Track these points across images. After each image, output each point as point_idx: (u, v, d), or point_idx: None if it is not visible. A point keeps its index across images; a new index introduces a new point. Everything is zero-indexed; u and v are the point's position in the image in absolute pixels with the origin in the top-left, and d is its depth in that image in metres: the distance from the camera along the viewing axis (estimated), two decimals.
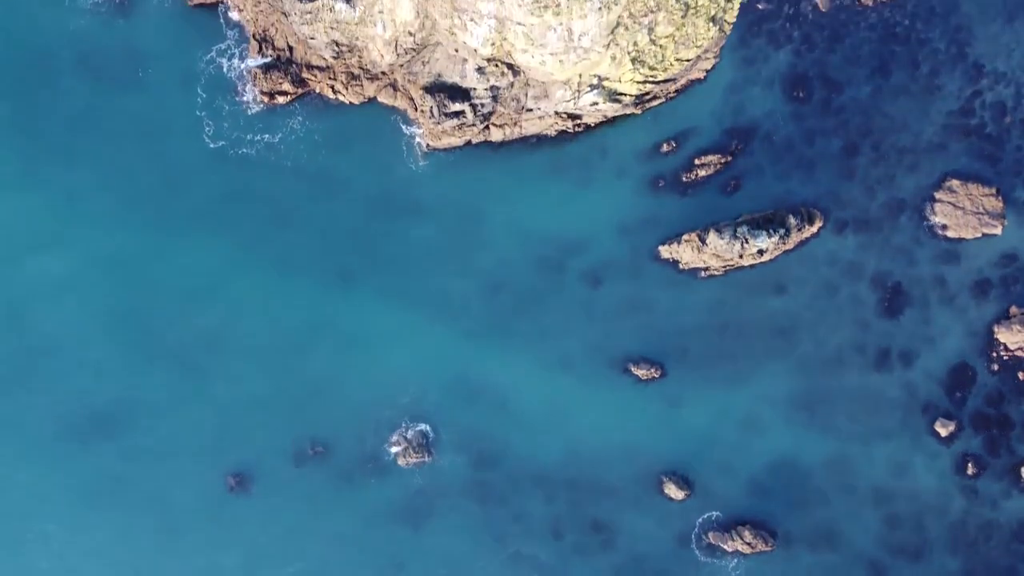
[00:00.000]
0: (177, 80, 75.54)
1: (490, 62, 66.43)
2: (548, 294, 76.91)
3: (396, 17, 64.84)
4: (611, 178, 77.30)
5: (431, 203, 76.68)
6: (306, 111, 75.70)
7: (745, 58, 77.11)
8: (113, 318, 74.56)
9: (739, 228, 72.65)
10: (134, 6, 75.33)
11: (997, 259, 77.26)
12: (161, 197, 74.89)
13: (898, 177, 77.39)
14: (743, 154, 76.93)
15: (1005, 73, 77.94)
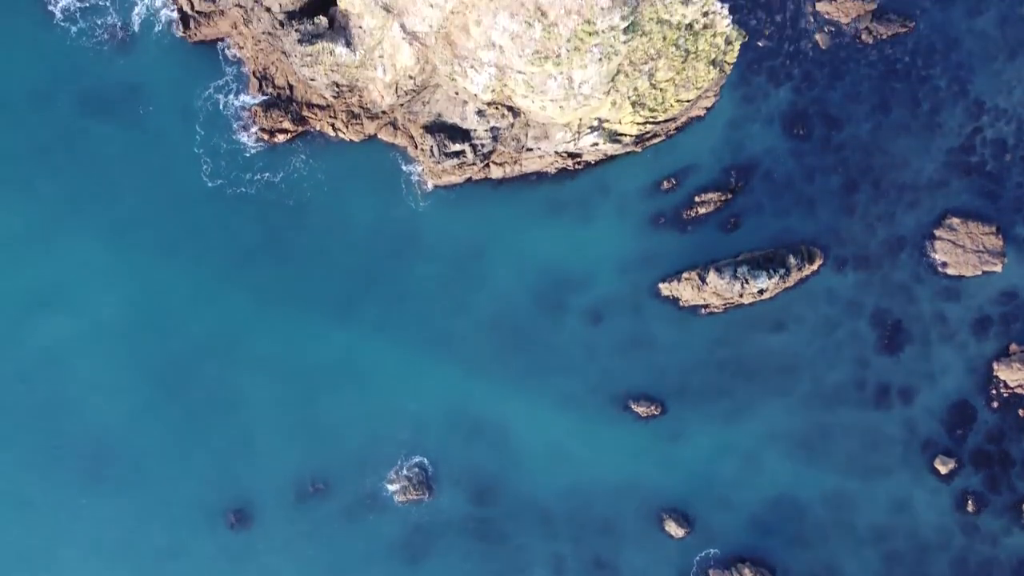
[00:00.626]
0: (176, 117, 75.49)
1: (490, 105, 66.47)
2: (548, 331, 76.98)
3: (396, 62, 64.86)
4: (612, 215, 77.32)
5: (431, 239, 76.73)
6: (306, 149, 75.67)
7: (745, 96, 77.11)
8: (113, 355, 74.59)
9: (739, 268, 72.69)
10: (135, 43, 75.20)
11: (997, 296, 77.33)
12: (160, 235, 74.85)
13: (898, 214, 77.42)
14: (743, 191, 76.96)
15: (1006, 110, 77.92)
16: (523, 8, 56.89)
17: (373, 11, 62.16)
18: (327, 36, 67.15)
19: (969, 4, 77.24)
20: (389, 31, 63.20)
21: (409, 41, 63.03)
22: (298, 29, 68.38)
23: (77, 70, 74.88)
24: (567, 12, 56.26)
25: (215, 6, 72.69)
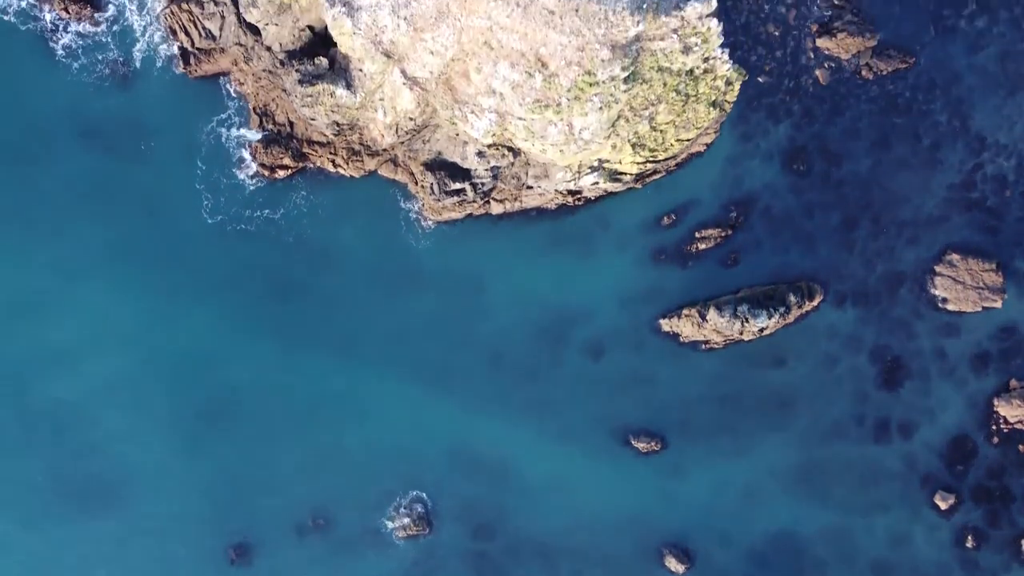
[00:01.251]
0: (178, 152, 75.46)
1: (491, 147, 66.57)
2: (548, 365, 77.14)
3: (397, 105, 64.96)
4: (612, 250, 77.42)
5: (432, 274, 76.87)
6: (306, 184, 75.73)
7: (745, 133, 77.16)
8: (112, 389, 74.73)
9: (739, 307, 72.84)
10: (136, 78, 75.13)
11: (996, 332, 77.44)
12: (160, 271, 74.94)
13: (898, 250, 77.52)
14: (743, 227, 77.04)
15: (1006, 145, 77.96)
16: (524, 58, 56.97)
17: (374, 57, 62.24)
18: (327, 77, 67.22)
19: (969, 40, 77.21)
20: (390, 76, 63.27)
21: (410, 87, 63.14)
22: (298, 69, 68.45)
23: (78, 105, 74.86)
24: (568, 63, 56.34)
25: (215, 44, 72.75)
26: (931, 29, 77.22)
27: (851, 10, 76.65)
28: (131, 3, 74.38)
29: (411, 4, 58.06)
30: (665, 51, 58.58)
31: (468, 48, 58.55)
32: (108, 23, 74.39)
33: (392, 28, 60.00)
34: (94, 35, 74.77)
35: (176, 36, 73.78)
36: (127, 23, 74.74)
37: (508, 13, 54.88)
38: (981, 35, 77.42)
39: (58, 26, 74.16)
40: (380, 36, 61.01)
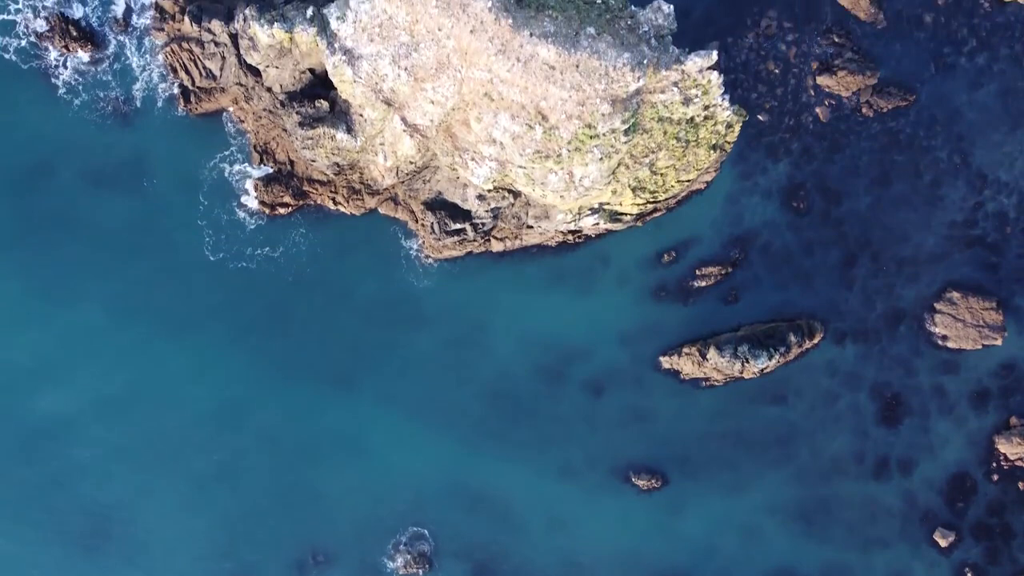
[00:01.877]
0: (179, 189, 75.57)
1: (491, 190, 66.57)
2: (549, 402, 77.24)
3: (397, 150, 65.00)
4: (612, 287, 77.51)
5: (432, 311, 76.95)
6: (307, 222, 75.78)
7: (745, 170, 77.23)
8: (112, 428, 74.86)
9: (740, 347, 72.91)
10: (138, 115, 75.12)
11: (997, 369, 77.49)
12: (161, 308, 75.00)
13: (897, 288, 77.59)
14: (743, 264, 77.08)
15: (1007, 183, 77.99)
16: (524, 111, 56.99)
17: (374, 104, 62.27)
18: (328, 120, 67.24)
19: (970, 77, 77.22)
20: (390, 122, 63.29)
21: (410, 133, 63.15)
22: (299, 111, 68.46)
23: (80, 142, 74.88)
24: (568, 117, 56.34)
25: (216, 83, 72.76)
26: (931, 66, 77.23)
27: (851, 48, 76.64)
28: (132, 41, 74.39)
29: (412, 55, 58.07)
30: (666, 102, 58.61)
31: (469, 98, 58.57)
32: (109, 61, 74.41)
33: (393, 77, 60.03)
34: (95, 73, 74.80)
35: (176, 74, 73.79)
36: (128, 61, 74.82)
37: (509, 68, 54.90)
38: (981, 72, 77.40)
39: (59, 64, 74.14)
40: (380, 85, 61.04)
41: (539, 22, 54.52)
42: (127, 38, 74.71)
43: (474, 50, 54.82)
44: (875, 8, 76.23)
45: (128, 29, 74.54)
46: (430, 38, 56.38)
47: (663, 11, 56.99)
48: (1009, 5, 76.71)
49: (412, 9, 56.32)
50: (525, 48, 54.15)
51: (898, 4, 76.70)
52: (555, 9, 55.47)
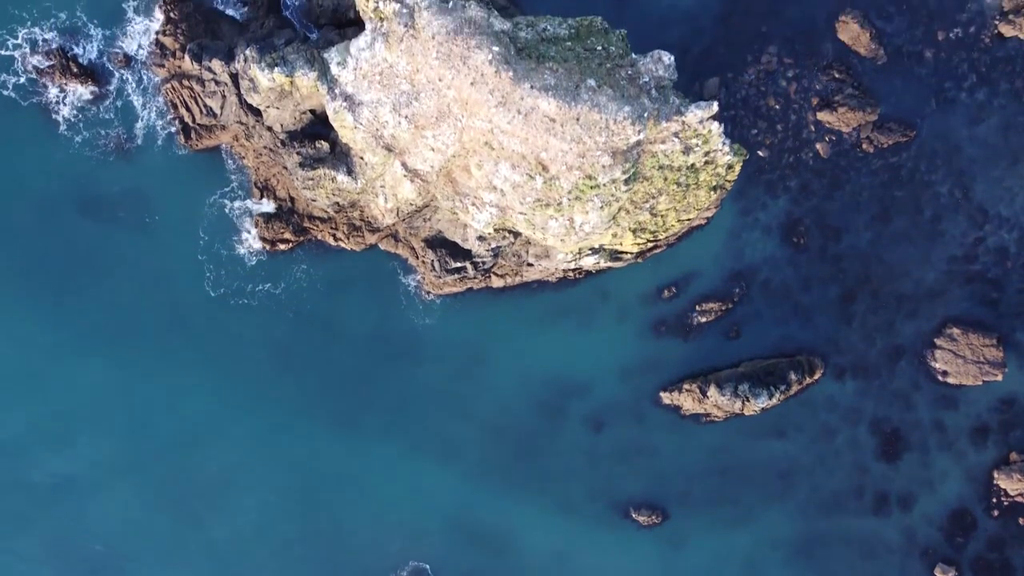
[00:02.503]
0: (179, 225, 75.60)
1: (492, 231, 66.57)
2: (549, 437, 77.36)
3: (398, 193, 65.00)
4: (612, 322, 77.57)
5: (432, 346, 77.02)
6: (308, 257, 75.83)
7: (745, 206, 77.24)
8: (112, 463, 75.00)
9: (740, 386, 72.99)
10: (138, 151, 75.14)
11: (996, 404, 77.54)
12: (162, 344, 75.08)
13: (897, 323, 77.63)
14: (744, 300, 77.11)
15: (1008, 218, 77.97)
16: (524, 161, 57.00)
17: (374, 150, 62.27)
18: (328, 162, 67.26)
19: (970, 112, 77.17)
20: (390, 167, 63.31)
21: (411, 178, 63.18)
22: (299, 152, 68.46)
23: (80, 177, 74.90)
24: (569, 168, 56.35)
25: (216, 121, 72.75)
26: (932, 102, 77.18)
27: (852, 83, 76.59)
28: (132, 77, 74.36)
29: (412, 103, 58.07)
30: (666, 152, 58.61)
31: (469, 146, 58.59)
32: (110, 97, 74.42)
33: (393, 125, 60.03)
34: (96, 109, 74.77)
35: (177, 110, 73.80)
36: (128, 97, 74.78)
37: (509, 120, 54.90)
38: (982, 107, 77.35)
39: (60, 100, 74.15)
40: (381, 131, 61.04)
41: (539, 74, 54.53)
42: (128, 74, 74.65)
43: (475, 101, 54.84)
44: (876, 44, 76.16)
45: (129, 65, 74.50)
46: (431, 88, 56.40)
47: (663, 62, 56.99)
48: (1010, 40, 76.65)
49: (413, 59, 56.32)
50: (526, 100, 54.17)
51: (899, 40, 76.62)
52: (555, 61, 55.50)
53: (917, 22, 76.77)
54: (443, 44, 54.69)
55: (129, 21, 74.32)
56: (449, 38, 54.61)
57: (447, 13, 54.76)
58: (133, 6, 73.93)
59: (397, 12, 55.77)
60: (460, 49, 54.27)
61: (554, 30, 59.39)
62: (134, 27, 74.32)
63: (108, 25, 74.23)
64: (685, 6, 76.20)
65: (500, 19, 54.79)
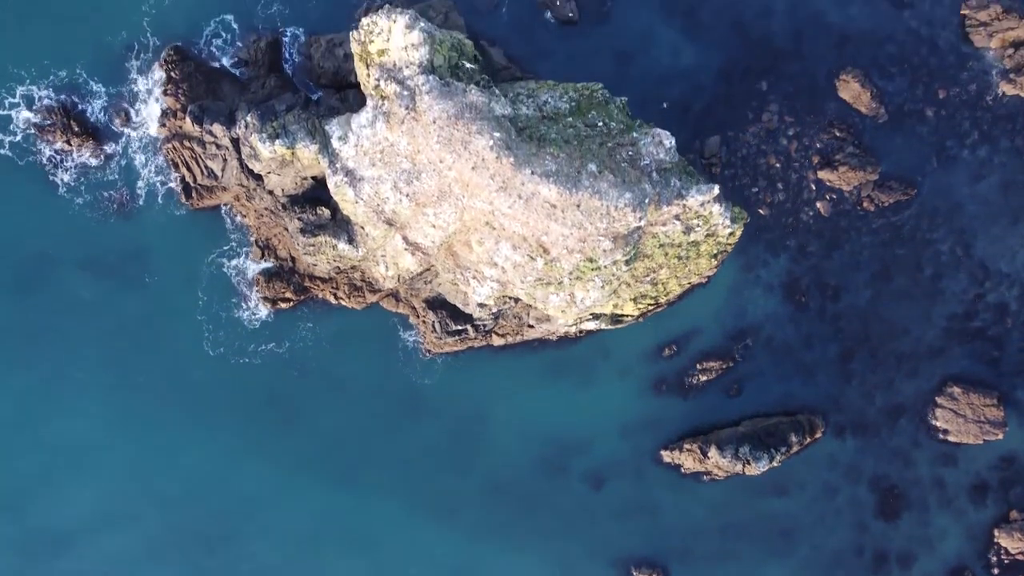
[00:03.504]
0: (180, 284, 75.52)
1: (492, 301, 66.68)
2: (549, 495, 77.43)
3: (399, 263, 64.99)
4: (613, 380, 77.63)
5: (433, 402, 77.09)
6: (308, 315, 75.81)
7: (746, 263, 77.26)
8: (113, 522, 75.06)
9: (741, 448, 73.09)
10: (138, 209, 75.07)
11: (996, 462, 77.66)
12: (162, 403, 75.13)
13: (897, 381, 77.74)
14: (745, 358, 77.16)
15: (1008, 274, 78.03)
16: (525, 242, 57.00)
17: (375, 223, 62.29)
18: (329, 229, 67.25)
19: (972, 170, 77.20)
20: (391, 239, 63.31)
21: (411, 252, 63.20)
22: (300, 217, 68.46)
23: (79, 236, 74.60)
24: (569, 251, 56.38)
25: (217, 182, 72.75)
26: (933, 160, 77.17)
27: (853, 142, 76.59)
28: (133, 136, 74.31)
29: (413, 182, 58.07)
30: (668, 232, 58.62)
31: (470, 224, 58.59)
32: (110, 156, 74.32)
33: (394, 201, 60.02)
34: (95, 168, 74.72)
35: (178, 169, 73.79)
36: (129, 156, 74.72)
37: (510, 204, 54.90)
38: (983, 164, 77.38)
39: (59, 160, 74.07)
40: (382, 206, 61.03)
41: (541, 160, 54.53)
42: (129, 133, 74.61)
43: (476, 184, 54.85)
44: (877, 103, 76.15)
45: (129, 124, 74.46)
46: (432, 168, 56.40)
47: (664, 145, 57.00)
48: (1011, 98, 76.64)
49: (414, 140, 56.31)
50: (527, 186, 54.17)
51: (900, 98, 76.62)
52: (556, 144, 55.49)
53: (918, 81, 76.76)
54: (444, 128, 54.68)
55: (130, 80, 74.22)
56: (450, 123, 54.60)
57: (448, 97, 54.76)
58: (135, 65, 73.83)
59: (398, 94, 55.76)
60: (461, 134, 54.27)
61: (555, 103, 59.40)
62: (135, 86, 74.23)
63: (108, 83, 74.11)
64: (686, 63, 76.17)
65: (501, 103, 54.77)
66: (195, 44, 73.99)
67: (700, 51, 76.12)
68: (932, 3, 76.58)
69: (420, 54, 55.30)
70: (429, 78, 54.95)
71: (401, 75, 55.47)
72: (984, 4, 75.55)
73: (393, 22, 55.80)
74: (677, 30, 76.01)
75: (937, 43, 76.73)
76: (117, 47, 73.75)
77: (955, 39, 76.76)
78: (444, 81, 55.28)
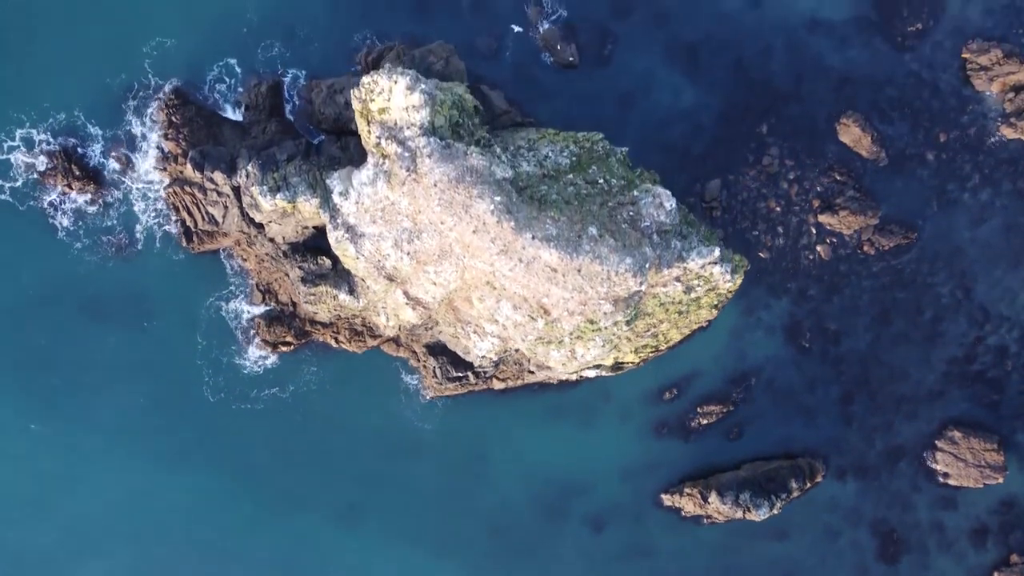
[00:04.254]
0: (180, 328, 75.47)
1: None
2: (550, 537, 77.43)
3: (400, 315, 64.98)
4: (614, 422, 77.68)
5: (434, 445, 77.15)
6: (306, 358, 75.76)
7: (747, 306, 77.24)
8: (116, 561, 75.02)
9: (741, 495, 73.09)
10: (138, 253, 74.96)
11: (997, 506, 77.69)
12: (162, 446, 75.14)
13: (896, 425, 77.85)
14: (745, 400, 77.19)
15: (1008, 317, 78.05)
16: (526, 303, 57.00)
17: (376, 278, 62.24)
18: (330, 279, 67.21)
19: (972, 213, 77.18)
20: (392, 293, 63.28)
21: (412, 306, 63.17)
22: (301, 266, 68.41)
23: (80, 280, 74.51)
24: (570, 313, 56.37)
25: (218, 228, 72.69)
26: (934, 204, 77.12)
27: (853, 185, 76.55)
28: (134, 180, 74.21)
29: (414, 240, 58.04)
30: (668, 293, 58.60)
31: (471, 282, 58.56)
32: (110, 200, 74.22)
33: (395, 258, 59.99)
34: (96, 212, 74.63)
35: (179, 213, 73.70)
36: (129, 199, 74.63)
37: (511, 267, 54.88)
38: (984, 207, 77.37)
39: (59, 204, 74.00)
40: (383, 262, 60.99)
41: (541, 223, 54.49)
42: (129, 177, 74.51)
43: (476, 246, 54.81)
44: (877, 146, 76.10)
45: (130, 168, 74.37)
46: (432, 228, 56.35)
47: (664, 207, 56.96)
48: (1012, 142, 76.60)
49: (415, 200, 56.27)
50: (527, 250, 54.13)
51: (900, 142, 76.59)
52: (556, 206, 55.43)
53: (919, 124, 76.72)
54: (445, 192, 54.65)
55: (130, 124, 74.10)
56: (451, 186, 54.57)
57: (449, 160, 54.72)
58: (135, 108, 73.70)
59: (399, 155, 55.72)
60: (462, 197, 54.25)
61: (555, 158, 59.34)
62: (135, 129, 74.13)
63: (108, 127, 73.97)
64: (686, 106, 76.13)
65: (502, 166, 54.74)
66: (199, 88, 73.82)
67: (700, 94, 76.09)
68: (933, 46, 76.46)
69: (421, 116, 55.26)
70: (430, 140, 54.91)
71: (402, 135, 55.43)
72: (985, 48, 75.45)
73: (394, 83, 55.74)
74: (678, 73, 75.98)
75: (938, 86, 76.68)
76: (118, 90, 73.65)
77: (956, 82, 76.70)
78: (445, 143, 55.23)
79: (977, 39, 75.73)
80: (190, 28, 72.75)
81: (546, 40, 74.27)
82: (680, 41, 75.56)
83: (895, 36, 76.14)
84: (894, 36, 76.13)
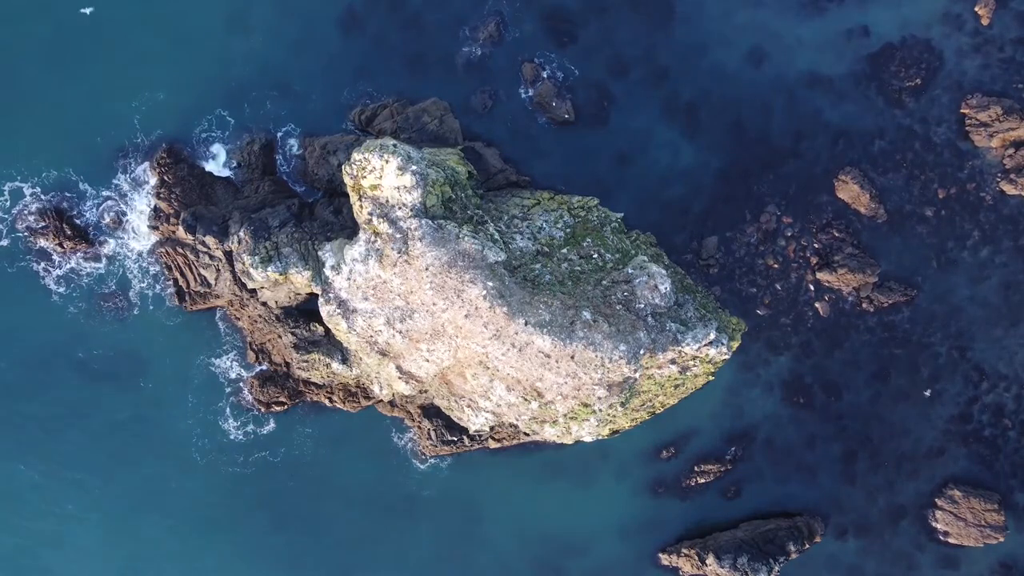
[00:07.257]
0: (172, 389, 74.99)
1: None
2: None
3: (393, 386, 64.41)
4: (611, 481, 77.07)
5: (429, 504, 76.58)
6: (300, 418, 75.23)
7: (745, 362, 76.59)
8: None
9: (739, 559, 72.50)
10: (132, 312, 74.49)
11: (997, 566, 77.10)
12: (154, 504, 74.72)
13: (897, 483, 77.16)
14: (744, 458, 76.60)
15: (1006, 375, 77.36)
16: (520, 385, 56.40)
17: (368, 353, 61.67)
18: (323, 347, 66.65)
19: (972, 271, 76.48)
20: (385, 367, 62.71)
21: (406, 380, 62.58)
22: (294, 332, 67.86)
23: (71, 339, 74.03)
24: (564, 397, 55.77)
25: (210, 290, 72.16)
26: (933, 261, 76.44)
27: (852, 242, 75.89)
28: (126, 239, 73.68)
29: (407, 320, 57.45)
30: (663, 375, 58.00)
31: (464, 360, 57.97)
32: (101, 258, 73.70)
33: (387, 335, 59.42)
34: (88, 271, 74.13)
35: (172, 272, 73.18)
36: (121, 258, 74.12)
37: (504, 352, 54.29)
38: (984, 265, 76.65)
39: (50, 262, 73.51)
40: (375, 338, 60.41)
41: (534, 309, 53.88)
42: (121, 236, 73.99)
43: (469, 330, 54.20)
44: (876, 203, 75.45)
45: (122, 226, 73.85)
46: (425, 309, 55.75)
47: (660, 290, 56.31)
48: (1012, 198, 75.93)
49: (407, 281, 55.68)
50: (520, 336, 53.54)
51: (899, 199, 75.93)
52: (550, 289, 54.79)
53: (917, 180, 76.06)
54: (437, 276, 54.04)
55: (122, 183, 73.55)
56: (443, 270, 53.96)
57: (441, 244, 54.11)
58: (124, 165, 73.15)
59: (391, 236, 55.11)
60: (454, 282, 53.64)
61: (549, 230, 58.71)
62: (127, 189, 73.60)
63: (100, 186, 73.47)
64: (684, 164, 75.51)
65: (495, 250, 54.09)
66: (189, 144, 73.23)
67: (698, 151, 75.47)
68: (931, 102, 75.79)
69: (413, 197, 54.66)
70: (422, 223, 54.32)
71: (394, 214, 54.82)
72: (984, 105, 74.74)
73: (385, 162, 55.11)
74: (675, 130, 75.34)
75: (937, 143, 76.02)
76: (108, 147, 73.11)
77: (955, 139, 76.03)
78: (437, 224, 54.63)
79: (976, 94, 75.01)
80: (181, 82, 72.25)
81: (542, 97, 73.65)
82: (678, 98, 74.94)
83: (893, 92, 75.45)
84: (892, 92, 75.45)
